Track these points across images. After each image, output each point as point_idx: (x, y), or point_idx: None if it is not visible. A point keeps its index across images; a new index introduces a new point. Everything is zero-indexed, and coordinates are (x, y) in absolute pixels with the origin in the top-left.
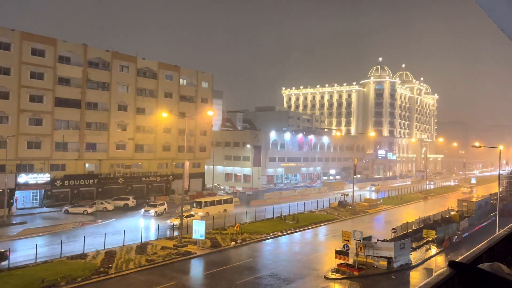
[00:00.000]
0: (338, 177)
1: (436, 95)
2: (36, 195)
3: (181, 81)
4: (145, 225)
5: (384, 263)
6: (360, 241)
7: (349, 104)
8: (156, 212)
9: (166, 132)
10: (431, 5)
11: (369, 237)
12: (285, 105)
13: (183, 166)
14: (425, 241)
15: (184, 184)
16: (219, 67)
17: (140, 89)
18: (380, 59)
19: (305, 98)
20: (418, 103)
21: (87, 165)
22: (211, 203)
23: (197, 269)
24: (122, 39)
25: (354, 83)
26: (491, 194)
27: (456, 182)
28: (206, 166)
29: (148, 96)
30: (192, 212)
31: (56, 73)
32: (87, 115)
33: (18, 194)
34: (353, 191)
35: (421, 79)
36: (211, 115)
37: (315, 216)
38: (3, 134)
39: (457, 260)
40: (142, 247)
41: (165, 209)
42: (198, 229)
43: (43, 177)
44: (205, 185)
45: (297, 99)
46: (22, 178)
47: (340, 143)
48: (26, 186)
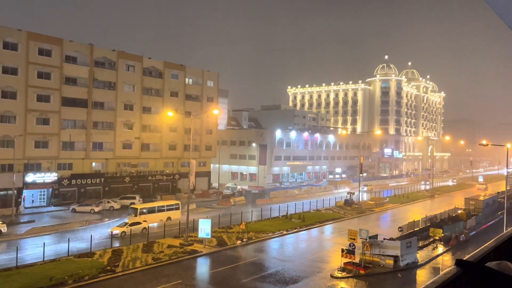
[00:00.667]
0: (344, 175)
1: (442, 93)
2: (44, 194)
3: (186, 80)
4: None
5: (390, 261)
6: (366, 239)
7: (355, 102)
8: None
9: (172, 131)
10: (437, 4)
11: (376, 236)
12: (290, 104)
13: (189, 165)
14: (431, 239)
15: (190, 183)
16: (224, 66)
17: (146, 88)
18: (386, 57)
19: (310, 97)
20: (425, 101)
21: (93, 164)
22: (150, 210)
23: (203, 267)
24: (127, 39)
25: (360, 81)
26: (498, 193)
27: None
28: (212, 165)
29: (154, 95)
30: (127, 219)
31: (62, 72)
32: (93, 115)
33: (25, 193)
34: (359, 189)
35: (428, 77)
36: (217, 114)
37: (321, 214)
38: (10, 134)
39: (464, 259)
40: (148, 245)
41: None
42: (204, 227)
43: (50, 176)
44: (211, 184)
45: (302, 97)
46: (30, 177)
47: (346, 141)
48: (34, 185)
